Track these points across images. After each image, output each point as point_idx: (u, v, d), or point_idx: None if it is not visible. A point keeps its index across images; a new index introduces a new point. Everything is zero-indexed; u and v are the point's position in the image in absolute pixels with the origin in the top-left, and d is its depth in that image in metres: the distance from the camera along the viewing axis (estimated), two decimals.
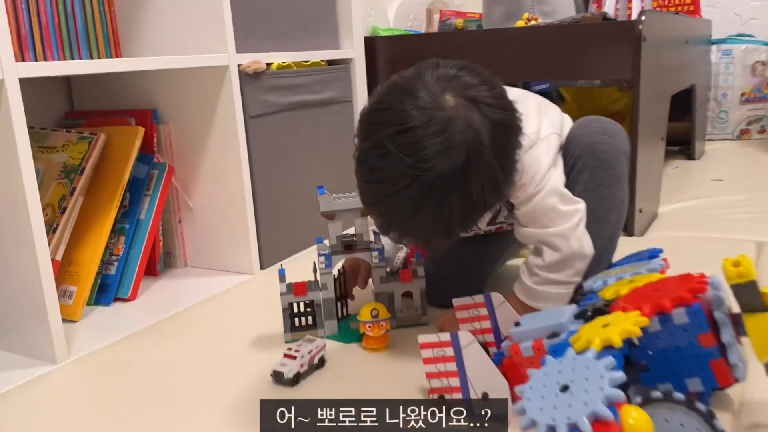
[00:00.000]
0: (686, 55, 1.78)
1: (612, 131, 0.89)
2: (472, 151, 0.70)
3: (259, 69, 1.21)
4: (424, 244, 0.88)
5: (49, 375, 0.89)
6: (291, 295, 0.92)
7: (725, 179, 1.80)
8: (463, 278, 1.02)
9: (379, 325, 0.87)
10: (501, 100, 0.74)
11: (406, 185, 0.70)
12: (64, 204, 1.07)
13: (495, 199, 0.76)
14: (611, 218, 0.88)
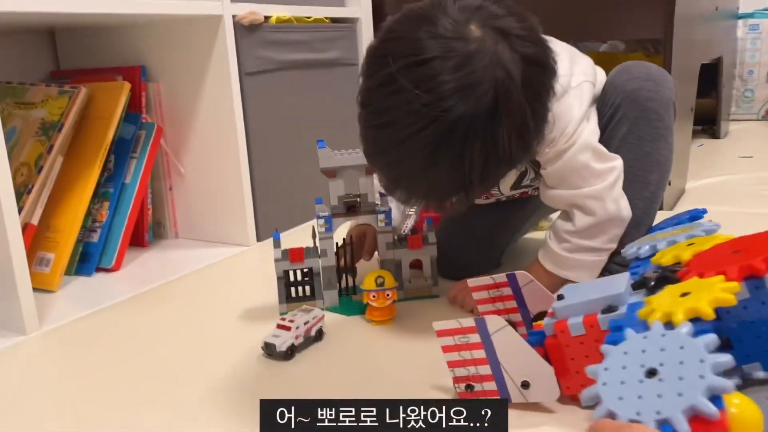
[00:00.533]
0: (715, 24, 1.67)
1: (657, 77, 0.78)
2: (500, 90, 0.59)
3: (256, 21, 1.11)
4: (437, 206, 0.76)
5: (16, 346, 0.80)
6: (286, 261, 0.82)
7: (754, 156, 1.69)
8: (480, 249, 0.92)
9: (385, 295, 0.77)
10: (534, 33, 0.63)
11: (419, 129, 0.59)
12: (41, 163, 0.98)
13: (523, 153, 0.65)
14: (653, 177, 0.77)
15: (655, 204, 0.79)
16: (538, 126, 0.65)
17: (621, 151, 0.76)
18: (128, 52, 1.17)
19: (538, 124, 0.64)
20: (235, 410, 0.62)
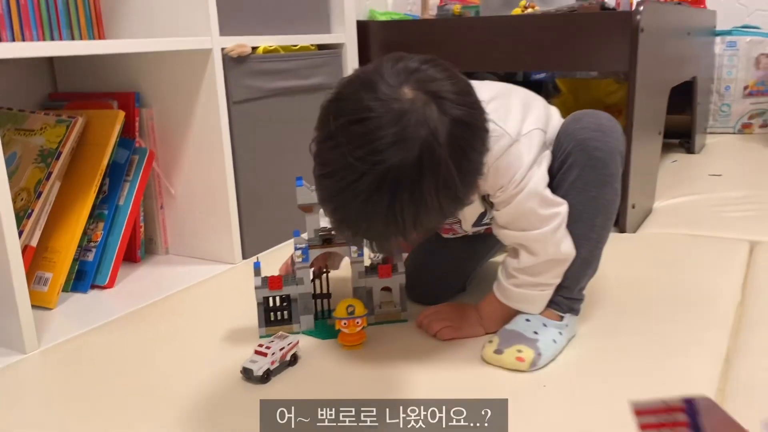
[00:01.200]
0: (687, 47, 1.74)
1: (606, 127, 0.84)
2: (425, 147, 0.64)
3: (244, 53, 1.18)
4: (380, 246, 0.84)
5: (16, 365, 0.87)
6: (266, 289, 0.89)
7: (724, 174, 1.77)
8: (447, 278, 0.99)
9: (355, 322, 0.84)
10: (465, 96, 0.69)
11: (355, 179, 0.64)
12: (40, 189, 1.05)
13: (451, 204, 0.70)
14: (597, 220, 0.84)
15: (601, 244, 0.86)
16: (466, 179, 0.69)
17: (569, 194, 0.82)
18: (123, 79, 1.24)
19: (465, 178, 0.68)
20: (215, 428, 0.70)
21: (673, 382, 0.75)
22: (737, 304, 0.95)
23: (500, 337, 0.81)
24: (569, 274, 0.83)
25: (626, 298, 0.98)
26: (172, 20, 1.15)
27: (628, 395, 0.71)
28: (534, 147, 0.80)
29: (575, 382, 0.76)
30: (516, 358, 0.78)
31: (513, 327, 0.83)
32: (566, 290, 0.84)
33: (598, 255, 0.86)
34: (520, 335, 0.81)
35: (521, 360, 0.78)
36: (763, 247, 1.17)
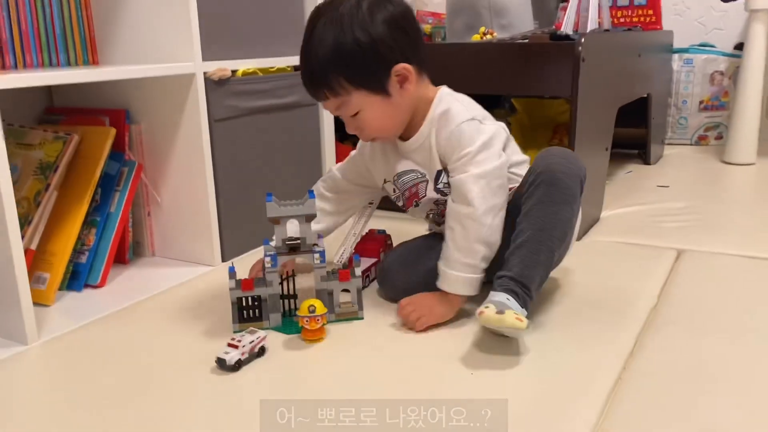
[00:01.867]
0: (638, 67, 1.88)
1: (570, 156, 1.02)
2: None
3: (224, 76, 1.31)
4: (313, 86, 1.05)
5: (19, 355, 1.00)
6: (239, 290, 1.02)
7: (672, 185, 1.91)
8: (428, 280, 1.08)
9: (315, 320, 0.97)
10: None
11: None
12: (40, 198, 1.17)
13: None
14: (555, 233, 0.98)
15: (555, 254, 1.00)
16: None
17: (535, 208, 0.98)
18: (114, 98, 1.36)
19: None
20: (192, 410, 0.83)
21: (583, 371, 0.88)
22: (652, 307, 1.09)
23: (494, 304, 0.91)
24: (526, 273, 0.97)
25: (557, 297, 1.12)
26: (159, 46, 1.28)
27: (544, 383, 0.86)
28: (495, 136, 1.00)
29: (501, 372, 0.89)
30: (515, 318, 0.88)
31: (499, 300, 0.94)
32: (526, 288, 0.97)
33: (550, 263, 1.01)
34: (508, 306, 0.92)
35: (520, 320, 0.88)
36: (688, 255, 1.32)
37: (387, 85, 1.01)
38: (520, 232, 1.00)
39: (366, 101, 1.02)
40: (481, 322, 0.92)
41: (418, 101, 1.06)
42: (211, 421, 0.80)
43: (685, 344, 0.95)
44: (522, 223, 1.00)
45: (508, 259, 1.00)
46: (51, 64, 1.28)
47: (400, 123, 1.07)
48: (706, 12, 2.59)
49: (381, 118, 1.04)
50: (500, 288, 0.97)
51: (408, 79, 1.02)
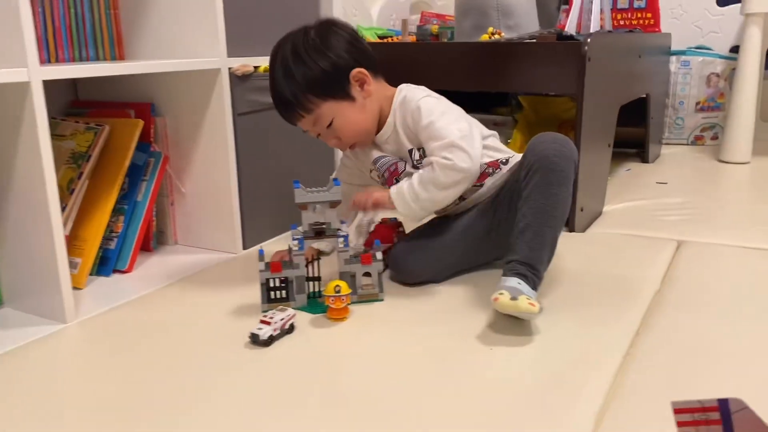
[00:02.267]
0: (639, 68, 1.95)
1: (561, 140, 1.09)
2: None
3: (248, 72, 1.37)
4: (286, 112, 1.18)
5: (59, 332, 1.05)
6: (268, 272, 1.08)
7: (670, 182, 1.98)
8: (428, 259, 1.18)
9: (341, 299, 1.03)
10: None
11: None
12: (73, 186, 1.23)
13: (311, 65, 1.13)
14: (558, 212, 1.06)
15: (558, 232, 1.08)
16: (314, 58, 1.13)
17: (534, 192, 1.05)
18: (140, 91, 1.42)
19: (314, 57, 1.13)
20: (230, 383, 0.89)
21: (592, 349, 0.95)
22: (655, 292, 1.15)
23: (507, 290, 0.97)
24: (533, 255, 1.04)
25: (564, 282, 1.18)
26: (185, 43, 1.34)
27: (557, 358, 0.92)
28: (450, 106, 1.17)
29: (518, 349, 0.96)
30: (529, 303, 0.95)
31: (511, 285, 1.00)
32: (535, 270, 1.04)
33: (555, 242, 1.08)
34: (520, 291, 0.99)
35: (533, 305, 0.95)
36: (687, 245, 1.38)
37: (350, 91, 1.15)
38: (522, 217, 1.07)
39: (335, 109, 1.14)
40: (496, 307, 0.98)
41: (382, 100, 1.19)
42: (249, 391, 0.86)
43: (689, 325, 1.02)
44: (523, 208, 1.08)
45: (514, 244, 1.07)
46: (81, 58, 1.34)
47: (371, 122, 1.19)
48: (702, 15, 2.66)
49: (352, 121, 1.16)
50: (510, 272, 1.04)
51: (366, 81, 1.15)
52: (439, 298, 1.15)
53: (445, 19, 2.43)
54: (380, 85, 1.20)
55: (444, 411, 0.80)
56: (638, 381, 0.86)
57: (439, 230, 1.22)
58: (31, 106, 1.00)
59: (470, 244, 1.21)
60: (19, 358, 0.97)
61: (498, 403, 0.82)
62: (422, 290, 1.18)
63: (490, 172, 1.20)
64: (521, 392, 0.84)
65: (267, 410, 0.81)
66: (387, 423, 0.78)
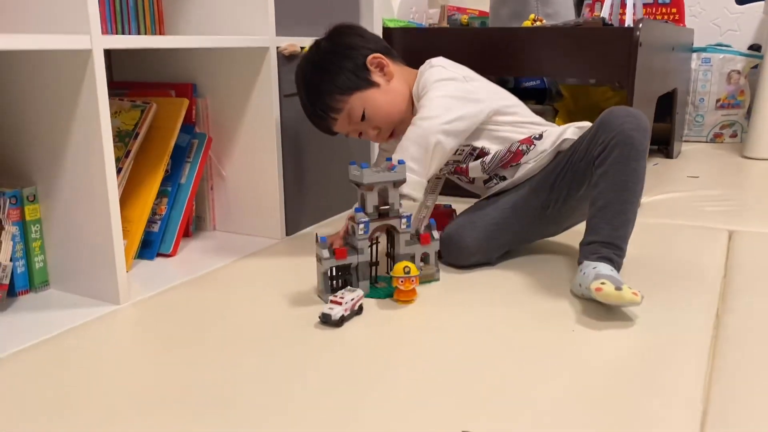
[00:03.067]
0: (671, 61, 1.94)
1: (634, 113, 1.05)
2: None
3: (295, 52, 1.33)
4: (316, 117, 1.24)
5: (114, 313, 1.01)
6: (333, 259, 1.02)
7: (700, 176, 1.97)
8: (479, 239, 1.15)
9: (410, 280, 1.00)
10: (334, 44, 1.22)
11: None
12: (119, 165, 1.18)
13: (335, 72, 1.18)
14: (638, 187, 1.04)
15: (637, 206, 1.06)
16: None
17: (612, 169, 1.02)
18: (180, 71, 1.37)
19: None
20: (306, 364, 0.85)
21: (677, 332, 0.92)
22: (722, 277, 1.13)
23: (608, 279, 0.93)
24: (616, 234, 1.02)
25: (631, 270, 1.14)
26: (232, 20, 1.30)
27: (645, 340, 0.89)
28: (460, 79, 1.19)
29: (602, 332, 0.93)
30: (632, 293, 0.91)
31: (607, 273, 0.97)
32: (619, 250, 1.02)
33: (635, 217, 1.05)
34: (618, 279, 0.96)
35: (636, 294, 0.91)
36: (741, 235, 1.36)
37: (371, 78, 1.18)
38: (600, 194, 1.04)
39: (364, 98, 1.17)
40: (599, 297, 0.93)
41: (408, 81, 1.22)
42: (330, 372, 0.82)
43: (766, 307, 1.00)
44: (600, 184, 1.04)
45: (595, 223, 1.04)
46: (124, 33, 1.29)
47: (400, 103, 1.20)
48: (721, 13, 2.66)
49: (382, 106, 1.18)
50: (594, 257, 1.02)
51: (384, 63, 1.19)
52: (498, 280, 1.11)
53: (466, 11, 2.41)
54: (402, 69, 1.23)
55: (546, 394, 0.76)
56: (736, 361, 0.83)
57: (489, 209, 1.18)
58: (92, 75, 0.95)
59: (523, 221, 1.18)
60: (76, 338, 0.93)
61: (600, 384, 0.78)
62: (479, 273, 1.15)
63: (525, 149, 1.17)
64: (621, 373, 0.81)
65: (355, 390, 0.77)
66: (484, 406, 0.74)
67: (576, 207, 1.16)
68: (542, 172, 1.16)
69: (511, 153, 1.16)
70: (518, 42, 1.55)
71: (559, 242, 1.28)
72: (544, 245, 1.27)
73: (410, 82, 1.21)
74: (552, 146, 1.15)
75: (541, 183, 1.16)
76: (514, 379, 0.79)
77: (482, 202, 1.22)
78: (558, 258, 1.21)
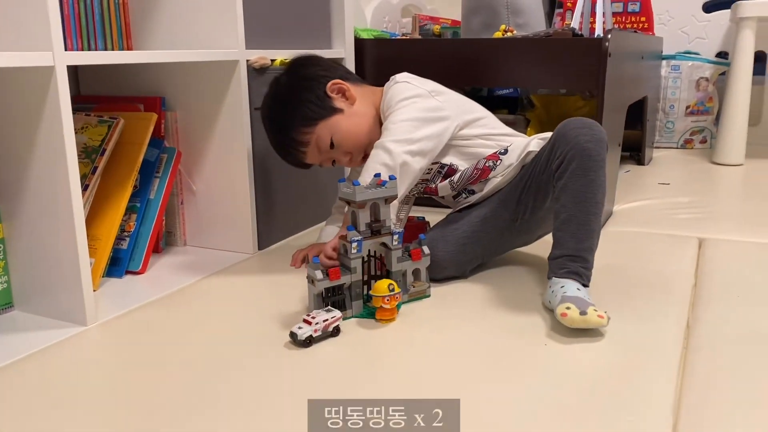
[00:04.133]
0: (641, 69, 1.96)
1: (590, 124, 1.06)
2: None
3: (265, 65, 1.32)
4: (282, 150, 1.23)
5: (81, 334, 0.98)
6: (327, 280, 0.99)
7: (671, 183, 1.99)
8: (451, 252, 1.14)
9: (395, 298, 0.98)
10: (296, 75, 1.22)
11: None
12: (86, 182, 1.16)
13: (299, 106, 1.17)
14: (599, 197, 1.04)
15: (601, 217, 1.06)
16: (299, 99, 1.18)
17: (571, 182, 1.02)
18: (148, 84, 1.35)
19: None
20: (263, 384, 0.84)
21: (648, 343, 0.92)
22: (692, 286, 1.14)
23: (574, 303, 0.93)
24: (581, 247, 1.02)
25: (602, 280, 1.15)
26: (199, 34, 1.28)
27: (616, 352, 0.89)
28: (426, 96, 1.16)
29: (573, 345, 0.93)
30: (598, 316, 0.91)
31: (574, 294, 0.96)
32: (585, 261, 1.02)
33: (599, 227, 1.05)
34: (584, 300, 0.95)
35: (602, 317, 0.91)
36: (710, 243, 1.38)
37: (333, 104, 1.17)
38: (562, 207, 1.05)
39: (329, 126, 1.16)
40: (565, 323, 0.92)
41: (373, 100, 1.20)
42: (293, 392, 0.81)
43: (736, 315, 1.01)
44: (561, 198, 1.05)
45: (560, 237, 1.04)
46: (90, 49, 1.27)
47: (367, 125, 1.19)
48: (689, 21, 2.70)
49: (349, 130, 1.17)
50: (561, 272, 1.02)
51: (344, 88, 1.18)
52: (471, 294, 1.11)
53: (439, 20, 2.42)
54: (364, 90, 1.22)
55: (519, 408, 0.76)
56: (706, 373, 0.84)
57: (460, 223, 1.18)
58: (55, 92, 0.93)
59: (493, 234, 1.18)
60: (42, 362, 0.90)
61: (573, 397, 0.78)
62: (452, 287, 1.14)
63: (492, 165, 1.17)
64: (593, 387, 0.81)
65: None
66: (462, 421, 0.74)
67: (544, 218, 1.17)
68: (509, 185, 1.17)
69: (478, 170, 1.17)
70: (490, 52, 1.56)
71: (532, 253, 1.28)
72: (515, 257, 1.27)
73: (376, 101, 1.20)
74: (518, 160, 1.15)
75: (509, 196, 1.17)
76: (486, 393, 0.79)
77: (453, 215, 1.22)
78: (530, 270, 1.22)
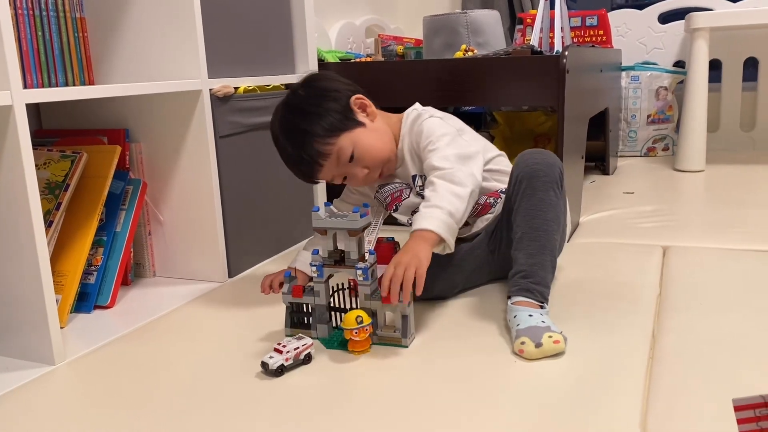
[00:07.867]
0: (601, 82, 2.00)
1: (542, 152, 1.11)
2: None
3: (228, 93, 1.32)
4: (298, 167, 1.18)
5: (49, 375, 0.97)
6: (290, 295, 1.03)
7: (636, 192, 2.03)
8: (435, 273, 1.12)
9: (364, 330, 0.97)
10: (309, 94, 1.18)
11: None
12: (50, 218, 1.15)
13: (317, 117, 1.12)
14: (549, 215, 1.06)
15: (555, 237, 1.07)
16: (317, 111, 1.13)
17: (523, 200, 1.06)
18: (112, 117, 1.35)
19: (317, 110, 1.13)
20: (236, 417, 0.83)
21: (614, 355, 0.94)
22: (657, 295, 1.16)
23: (527, 336, 0.93)
24: (532, 262, 1.04)
25: (569, 293, 1.18)
26: (163, 64, 1.29)
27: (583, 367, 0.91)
28: (457, 134, 1.14)
29: (543, 360, 0.94)
30: (553, 342, 0.92)
31: (526, 324, 0.96)
32: (537, 277, 1.03)
33: (553, 245, 1.07)
34: (537, 327, 0.95)
35: (557, 342, 0.92)
36: (674, 250, 1.41)
37: (356, 117, 1.14)
38: (516, 228, 1.08)
39: (352, 138, 1.12)
40: (525, 358, 0.93)
41: (388, 123, 1.20)
42: (266, 424, 0.81)
43: (700, 324, 1.03)
44: (515, 219, 1.09)
45: (514, 255, 1.08)
46: (50, 84, 1.26)
47: (388, 141, 1.17)
48: (646, 32, 2.77)
49: (371, 144, 1.14)
50: (513, 290, 1.05)
51: (366, 104, 1.16)
52: (441, 314, 1.12)
53: (402, 40, 2.44)
54: (380, 111, 1.21)
55: (489, 426, 0.77)
56: (672, 382, 0.85)
57: None
58: (14, 131, 0.93)
59: (474, 265, 1.21)
60: (9, 405, 0.89)
61: (543, 413, 0.79)
62: (434, 304, 1.16)
63: (492, 202, 1.20)
64: (559, 403, 0.82)
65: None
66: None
67: None
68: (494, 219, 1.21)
69: (479, 205, 1.19)
70: (452, 73, 1.58)
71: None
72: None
73: (390, 124, 1.20)
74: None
75: (489, 228, 1.21)
76: (457, 413, 0.80)
77: None
78: (500, 287, 1.23)
